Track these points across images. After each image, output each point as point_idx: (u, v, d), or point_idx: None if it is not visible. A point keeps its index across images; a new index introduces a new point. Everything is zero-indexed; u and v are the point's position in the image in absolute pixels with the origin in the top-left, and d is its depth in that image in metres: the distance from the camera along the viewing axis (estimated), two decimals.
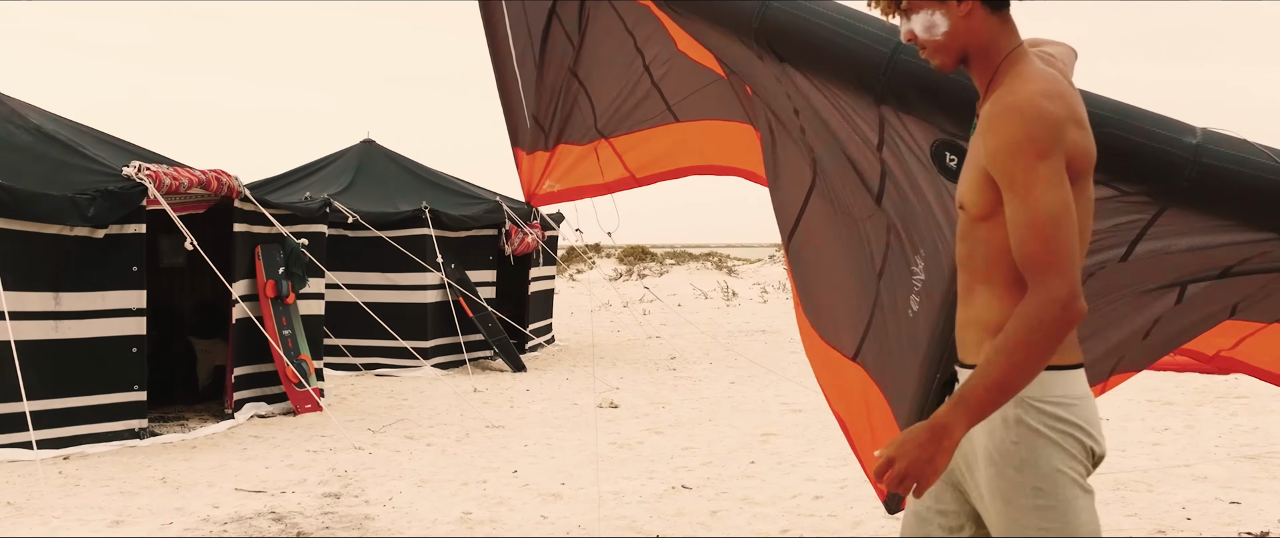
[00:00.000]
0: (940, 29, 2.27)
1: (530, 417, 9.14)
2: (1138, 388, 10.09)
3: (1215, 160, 2.68)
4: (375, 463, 7.17)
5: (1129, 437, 7.85)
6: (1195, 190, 2.71)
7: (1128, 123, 2.73)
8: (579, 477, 6.69)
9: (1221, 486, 6.27)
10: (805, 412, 9.20)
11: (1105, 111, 2.71)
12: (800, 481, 6.55)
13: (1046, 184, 2.07)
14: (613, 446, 7.76)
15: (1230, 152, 2.71)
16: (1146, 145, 2.70)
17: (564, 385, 11.06)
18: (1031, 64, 2.23)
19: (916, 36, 2.32)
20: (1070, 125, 2.13)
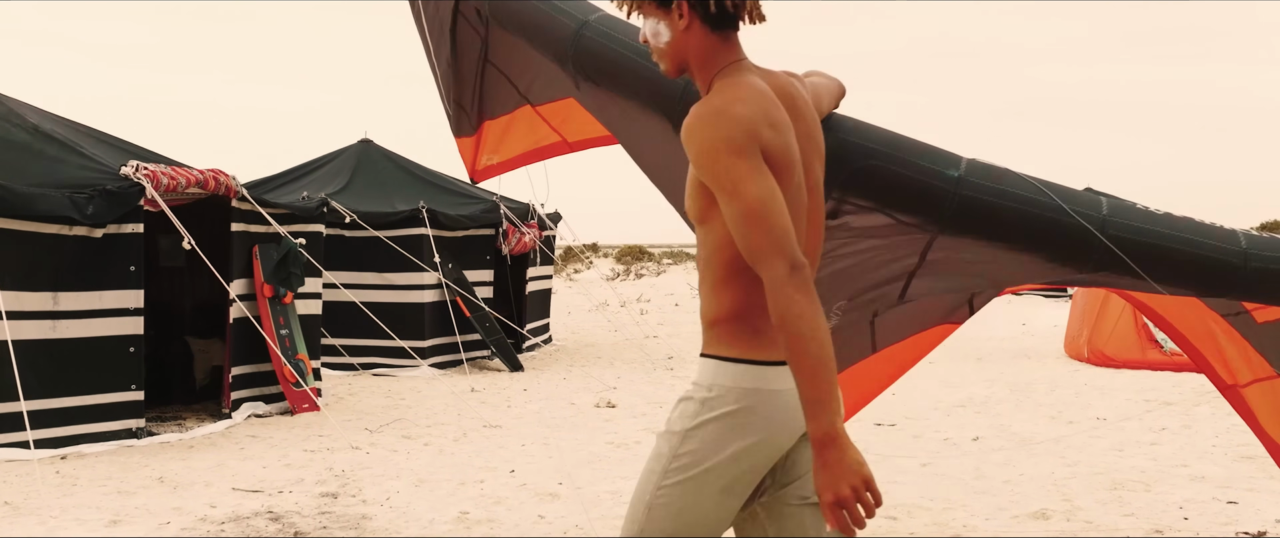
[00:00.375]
0: (663, 37, 2.40)
1: (527, 416, 9.13)
2: (1136, 389, 10.11)
3: (974, 192, 2.85)
4: (372, 463, 7.17)
5: (1126, 437, 7.86)
6: (958, 221, 2.89)
7: (895, 155, 2.91)
8: (577, 476, 6.68)
9: (1219, 485, 6.27)
10: None
11: (875, 144, 2.90)
12: None
13: (748, 178, 2.17)
14: (610, 445, 7.75)
15: (990, 184, 2.87)
16: (912, 178, 2.87)
17: (561, 385, 11.06)
18: (741, 77, 2.34)
19: (648, 40, 2.46)
20: (763, 126, 2.23)
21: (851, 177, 2.94)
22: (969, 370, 11.93)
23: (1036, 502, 5.97)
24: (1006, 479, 6.53)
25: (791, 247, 2.14)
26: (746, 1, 2.36)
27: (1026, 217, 2.87)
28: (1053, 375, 11.26)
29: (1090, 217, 2.88)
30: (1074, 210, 2.88)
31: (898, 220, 2.99)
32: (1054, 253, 2.97)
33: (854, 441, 2.15)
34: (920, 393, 10.18)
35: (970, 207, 2.87)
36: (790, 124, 2.33)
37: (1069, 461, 7.02)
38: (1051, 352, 13.49)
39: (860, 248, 3.13)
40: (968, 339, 15.47)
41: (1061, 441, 7.70)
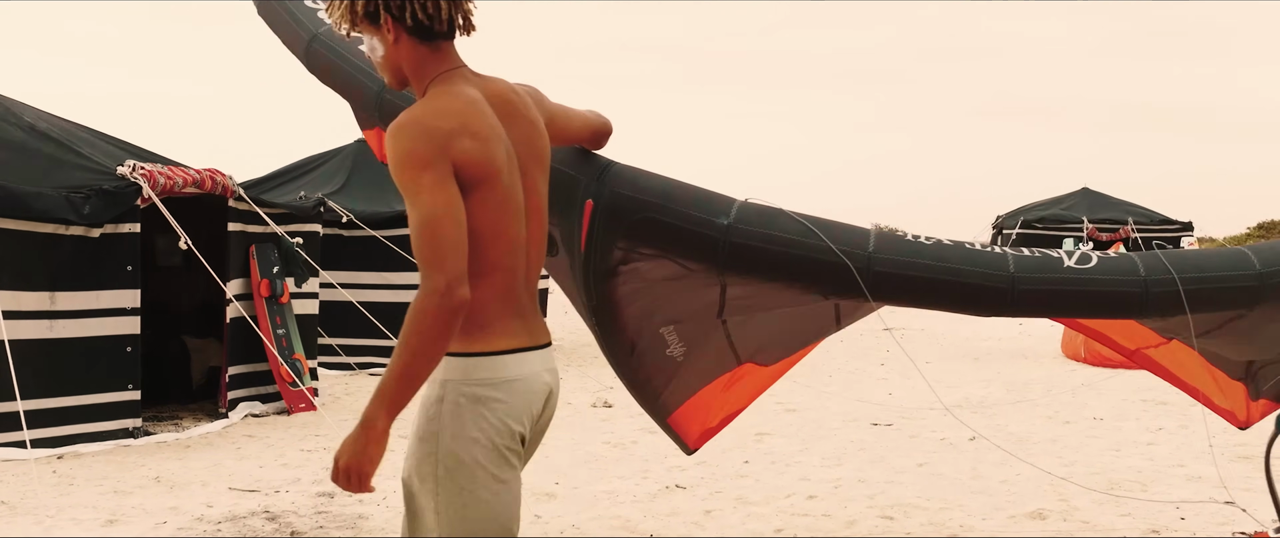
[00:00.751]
0: (378, 52, 2.52)
1: None
2: (1133, 388, 10.10)
3: (743, 238, 2.99)
4: None
5: (1123, 437, 7.87)
6: (734, 264, 3.05)
7: (668, 207, 3.05)
8: (573, 476, 6.68)
9: (1216, 485, 6.27)
10: (799, 411, 9.21)
11: (649, 196, 3.03)
12: (794, 480, 6.55)
13: (428, 190, 2.29)
14: (606, 445, 7.76)
15: (759, 228, 3.02)
16: (686, 228, 3.02)
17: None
18: (449, 86, 2.45)
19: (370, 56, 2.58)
20: (462, 137, 2.33)
21: (631, 229, 3.07)
22: (965, 370, 11.94)
23: (1033, 502, 5.98)
24: (1003, 479, 6.53)
25: (454, 264, 2.26)
26: (443, 11, 2.44)
27: (793, 258, 3.01)
28: (1050, 375, 11.26)
29: (856, 254, 3.03)
30: (840, 248, 3.03)
31: (685, 267, 3.14)
32: (828, 287, 3.11)
33: (852, 442, 2.16)
34: (916, 393, 10.18)
35: (741, 251, 3.02)
36: (499, 132, 2.43)
37: (1066, 460, 7.02)
38: (1048, 352, 13.50)
39: (663, 288, 3.26)
40: (964, 339, 15.50)
41: (1057, 441, 7.71)
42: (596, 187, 3.05)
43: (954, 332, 16.38)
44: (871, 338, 15.58)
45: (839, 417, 8.89)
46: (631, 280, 3.21)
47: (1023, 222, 24.87)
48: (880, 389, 10.54)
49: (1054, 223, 24.49)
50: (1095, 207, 24.88)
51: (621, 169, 3.11)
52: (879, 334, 16.08)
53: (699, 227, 3.03)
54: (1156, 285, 3.19)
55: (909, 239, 3.17)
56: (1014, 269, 3.10)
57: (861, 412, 9.14)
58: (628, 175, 3.09)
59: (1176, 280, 3.18)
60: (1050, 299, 3.16)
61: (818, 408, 9.36)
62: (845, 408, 9.38)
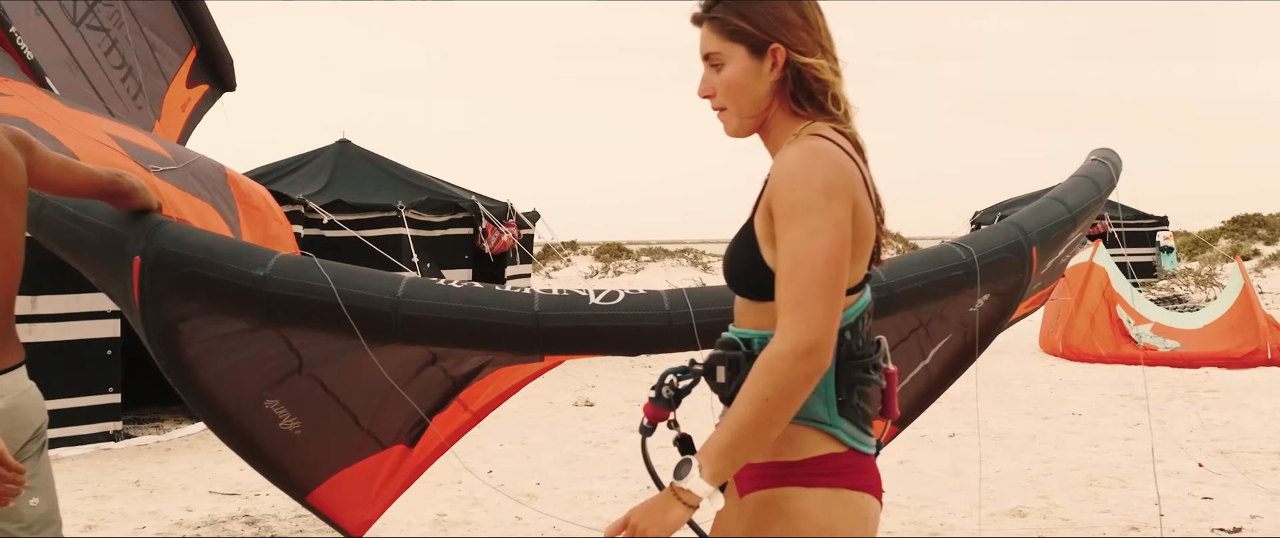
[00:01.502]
0: None
1: (504, 416, 9.08)
2: (1110, 383, 10.17)
3: (279, 288, 3.08)
4: None
5: (1101, 432, 7.92)
6: (272, 316, 3.14)
7: (208, 260, 3.11)
8: (554, 476, 6.69)
9: (1194, 481, 6.33)
10: None
11: (192, 251, 3.10)
12: None
13: None
14: (588, 445, 7.76)
15: (295, 279, 3.10)
16: (226, 280, 3.08)
17: (538, 384, 10.98)
18: None
19: None
20: None
21: (178, 284, 3.13)
22: None
23: (1013, 499, 6.01)
24: (982, 476, 6.57)
25: None
26: None
27: (324, 306, 3.08)
28: (1029, 371, 11.32)
29: (383, 299, 3.12)
30: (372, 293, 3.12)
31: (240, 321, 3.21)
32: (360, 332, 3.14)
33: None
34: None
35: (276, 301, 3.09)
36: None
37: (1045, 457, 7.07)
38: (1027, 347, 13.56)
39: (234, 348, 3.30)
40: None
41: (1036, 437, 7.75)
42: (143, 243, 3.10)
43: None
44: None
45: None
46: (194, 338, 3.24)
47: (1001, 217, 24.94)
48: None
49: None
50: None
51: (170, 227, 3.17)
52: None
53: (237, 278, 3.08)
54: (679, 319, 3.27)
55: (441, 286, 3.27)
56: (538, 309, 3.20)
57: None
58: (174, 232, 3.15)
59: (691, 315, 3.27)
60: (576, 336, 3.26)
61: None
62: None
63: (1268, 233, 30.78)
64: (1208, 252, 28.87)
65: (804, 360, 1.88)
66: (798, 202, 1.94)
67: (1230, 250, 27.94)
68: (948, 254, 3.62)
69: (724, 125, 2.17)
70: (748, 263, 2.06)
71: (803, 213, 1.93)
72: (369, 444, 3.65)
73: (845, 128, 2.10)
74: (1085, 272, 12.83)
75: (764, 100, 2.11)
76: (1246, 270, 12.53)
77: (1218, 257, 27.94)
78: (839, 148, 2.03)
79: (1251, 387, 9.69)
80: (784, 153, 2.03)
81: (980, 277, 3.60)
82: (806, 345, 1.88)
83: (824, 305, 1.90)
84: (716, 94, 2.14)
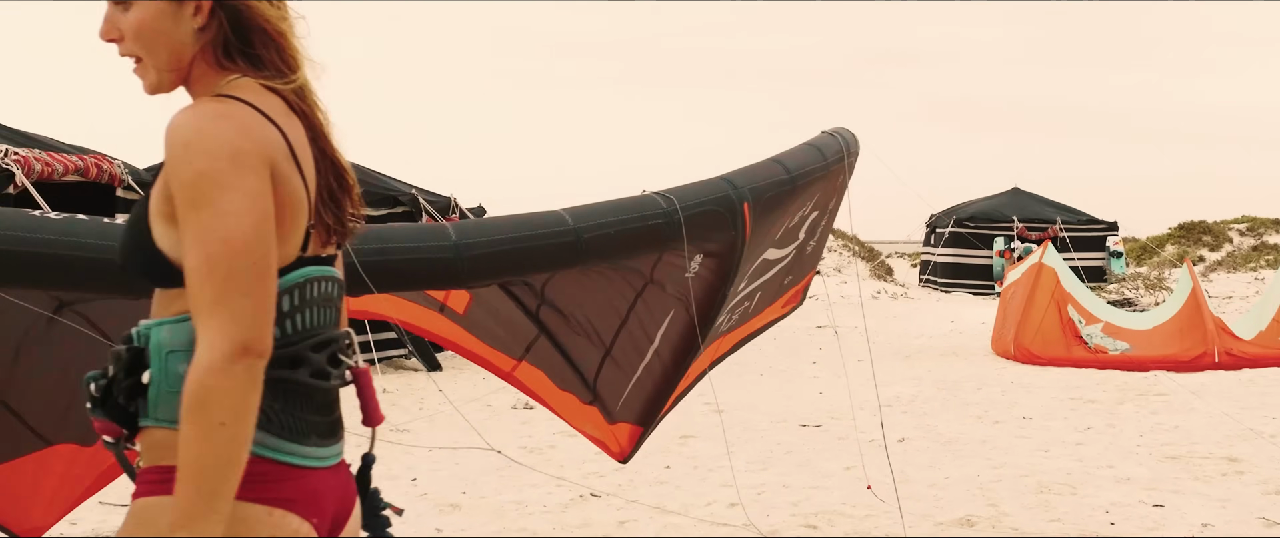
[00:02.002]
0: None
1: (438, 419, 8.76)
2: (1061, 387, 9.98)
3: None
4: None
5: (1052, 436, 7.69)
6: None
7: None
8: (481, 485, 6.35)
9: (1145, 487, 6.10)
10: (728, 411, 8.92)
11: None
12: (716, 486, 6.27)
13: None
14: (523, 450, 7.42)
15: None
16: None
17: (480, 385, 10.68)
18: None
19: None
20: None
21: None
22: (897, 369, 11.76)
23: (961, 507, 5.75)
24: (931, 482, 6.31)
25: None
26: None
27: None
28: (980, 373, 11.12)
29: None
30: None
31: None
32: None
33: (779, 444, 1.88)
34: (847, 392, 9.97)
35: None
36: None
37: (995, 463, 6.82)
38: (979, 349, 13.39)
39: None
40: (896, 336, 15.34)
41: (987, 442, 7.51)
42: None
43: (885, 329, 16.25)
44: (805, 336, 15.39)
45: (767, 417, 8.64)
46: None
47: (955, 221, 24.92)
48: (811, 388, 10.32)
49: (985, 222, 24.56)
50: (1025, 206, 25.02)
51: None
52: (812, 332, 15.90)
53: None
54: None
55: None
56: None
57: (790, 412, 8.91)
58: None
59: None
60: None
61: (746, 408, 9.10)
62: (774, 408, 9.13)
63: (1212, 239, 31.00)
64: (1156, 257, 29.05)
65: (241, 364, 1.55)
66: (200, 176, 1.59)
67: (1177, 255, 28.12)
68: (648, 203, 3.36)
69: (141, 80, 1.77)
70: (139, 245, 1.70)
71: (209, 189, 1.58)
72: (28, 441, 3.30)
73: (282, 85, 1.75)
74: (1035, 273, 12.68)
75: (187, 50, 1.74)
76: (1196, 274, 12.41)
77: (1165, 262, 28.11)
78: (252, 108, 1.67)
79: (1200, 390, 9.54)
80: (174, 118, 1.65)
81: (685, 229, 3.33)
82: (239, 347, 1.55)
83: (252, 299, 1.58)
84: (124, 39, 1.74)
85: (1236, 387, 9.63)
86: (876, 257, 28.46)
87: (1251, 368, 10.80)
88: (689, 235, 3.37)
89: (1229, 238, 29.06)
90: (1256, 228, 29.58)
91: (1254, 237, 28.97)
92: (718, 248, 3.59)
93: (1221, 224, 30.27)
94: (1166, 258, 28.45)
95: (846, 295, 22.67)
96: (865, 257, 28.05)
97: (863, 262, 27.50)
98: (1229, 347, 11.10)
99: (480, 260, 2.99)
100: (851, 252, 27.92)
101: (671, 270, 3.58)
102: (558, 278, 3.44)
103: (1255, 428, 7.74)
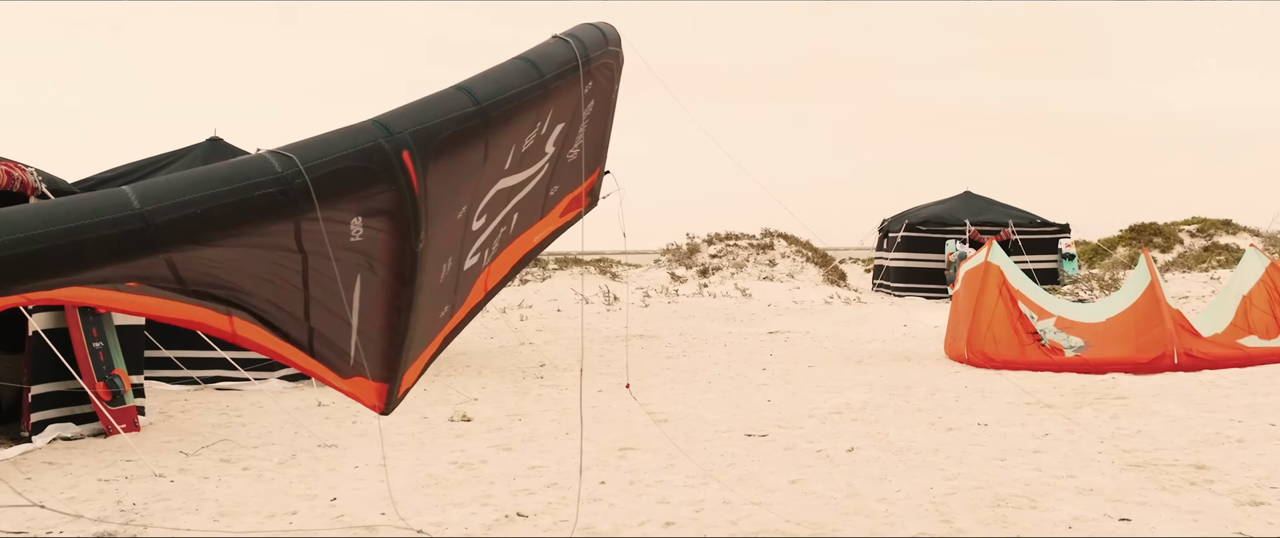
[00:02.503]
0: None
1: (371, 434, 8.30)
2: (1016, 391, 9.67)
3: None
4: (174, 493, 6.28)
5: (1009, 444, 7.35)
6: None
7: None
8: (405, 505, 5.90)
9: (1109, 499, 5.76)
10: (671, 422, 8.55)
11: None
12: (652, 504, 5.87)
13: None
14: (453, 466, 6.98)
15: None
16: None
17: (419, 397, 10.23)
18: None
19: None
20: None
21: None
22: (848, 373, 11.42)
23: (913, 524, 5.38)
24: (881, 496, 5.94)
25: None
26: None
27: None
28: (933, 378, 10.79)
29: None
30: None
31: None
32: None
33: (722, 456, 1.48)
34: (797, 399, 9.62)
35: None
36: None
37: (949, 474, 6.47)
38: (932, 353, 13.10)
39: None
40: (847, 341, 15.04)
41: (940, 451, 7.16)
42: None
43: (838, 334, 15.95)
44: (756, 342, 15.06)
45: (712, 427, 8.25)
46: None
47: (908, 224, 24.74)
48: (759, 396, 9.95)
49: (937, 224, 24.40)
50: (977, 209, 24.90)
51: None
52: (763, 338, 15.57)
53: None
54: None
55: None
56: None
57: (736, 421, 8.53)
58: None
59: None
60: None
61: (691, 418, 8.71)
62: (720, 417, 8.75)
63: (1163, 241, 31.11)
64: (1108, 258, 29.04)
65: None
66: None
67: (1129, 257, 28.12)
68: (256, 167, 2.80)
69: None
70: None
71: None
72: None
73: None
74: (982, 272, 12.37)
75: None
76: (1154, 266, 12.03)
77: (1118, 263, 28.10)
78: None
79: (1160, 393, 9.26)
80: None
81: (316, 193, 2.82)
82: None
83: None
84: None
85: (1197, 389, 9.36)
86: (830, 262, 28.23)
87: (1211, 369, 10.53)
88: (324, 198, 2.86)
89: (1180, 239, 29.13)
90: (1207, 229, 29.68)
91: (1205, 238, 29.05)
92: (383, 205, 3.08)
93: (1172, 226, 30.36)
94: (1119, 259, 28.46)
95: (799, 301, 22.43)
96: (818, 262, 27.82)
97: (816, 267, 27.26)
98: (1188, 347, 10.81)
99: None
100: (805, 257, 27.69)
101: (333, 236, 3.04)
102: (186, 257, 2.80)
103: (1221, 432, 7.45)
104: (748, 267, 27.00)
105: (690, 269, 27.16)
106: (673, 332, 16.58)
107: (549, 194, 4.49)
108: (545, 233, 4.72)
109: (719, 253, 28.20)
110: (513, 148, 3.76)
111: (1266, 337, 11.61)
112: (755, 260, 27.47)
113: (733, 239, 28.84)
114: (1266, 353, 11.07)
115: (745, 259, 27.57)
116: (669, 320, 18.52)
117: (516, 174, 3.97)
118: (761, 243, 28.46)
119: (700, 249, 28.65)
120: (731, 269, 26.74)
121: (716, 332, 16.51)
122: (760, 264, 27.23)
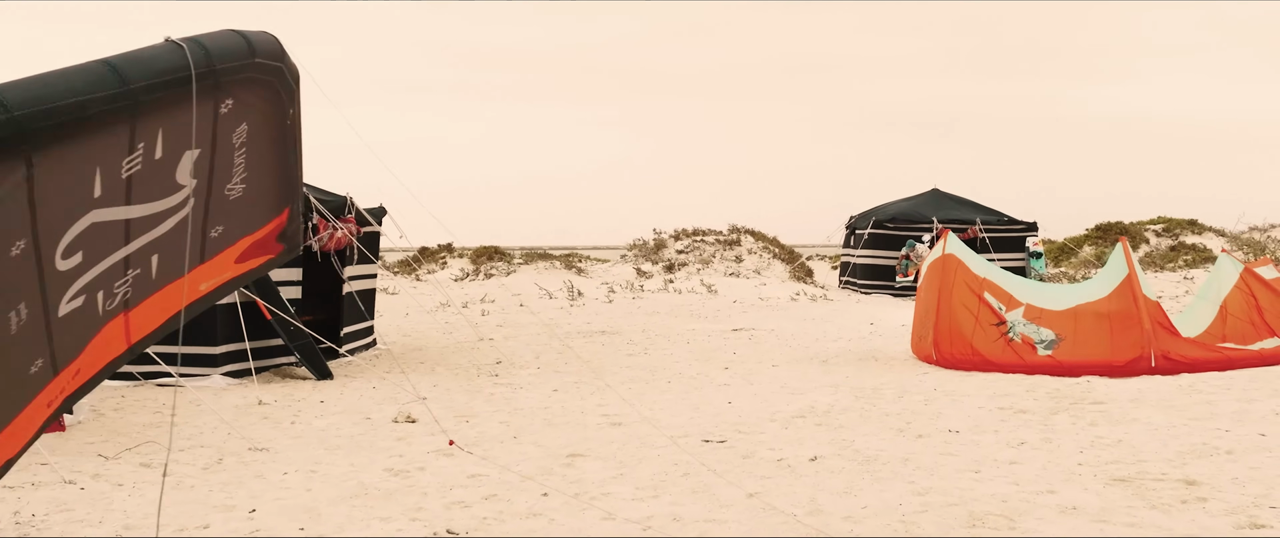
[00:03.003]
0: None
1: (307, 436, 7.81)
2: (988, 395, 9.28)
3: None
4: (81, 502, 5.77)
5: (982, 454, 6.94)
6: None
7: None
8: (328, 518, 5.42)
9: (1095, 519, 5.33)
10: (625, 425, 8.10)
11: None
12: (595, 520, 5.40)
13: None
14: (387, 472, 6.50)
15: None
16: None
17: (367, 395, 9.74)
18: None
19: None
20: None
21: None
22: (813, 374, 11.00)
23: None
24: (846, 514, 5.50)
25: None
26: None
27: None
28: (900, 380, 10.38)
29: None
30: None
31: None
32: None
33: (676, 465, 1.02)
34: (759, 401, 9.19)
35: None
36: None
37: (919, 487, 6.04)
38: (899, 353, 12.72)
39: None
40: (813, 339, 14.63)
41: (910, 460, 6.74)
42: None
43: (803, 332, 15.56)
44: (719, 340, 14.64)
45: (668, 431, 7.79)
46: None
47: (875, 221, 24.42)
48: (720, 397, 9.51)
49: (904, 222, 24.10)
50: (944, 207, 24.61)
51: None
52: (728, 335, 15.15)
53: None
54: None
55: None
56: None
57: (694, 425, 8.08)
58: None
59: None
60: None
61: (645, 421, 8.26)
62: (677, 420, 8.30)
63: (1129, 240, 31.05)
64: (1074, 257, 28.89)
65: None
66: None
67: (1095, 256, 27.97)
68: None
69: None
70: None
71: None
72: None
73: None
74: (940, 267, 11.90)
75: None
76: (1132, 257, 11.51)
77: (1084, 262, 27.94)
78: None
79: (1138, 398, 8.88)
80: None
81: None
82: None
83: None
84: None
85: (1177, 394, 8.98)
86: (796, 258, 27.89)
87: (1190, 373, 10.14)
88: None
89: (1146, 238, 29.03)
90: (1172, 229, 29.61)
91: (1171, 237, 28.96)
92: None
93: (1138, 225, 30.28)
94: (1085, 258, 28.31)
95: (765, 298, 22.04)
96: (785, 258, 27.47)
97: (783, 263, 26.91)
98: (1166, 349, 10.41)
99: None
100: (772, 253, 27.33)
101: None
102: None
103: (1208, 442, 7.06)
104: (714, 263, 26.62)
105: (656, 265, 26.75)
106: (635, 328, 16.13)
107: (210, 236, 3.89)
108: (218, 280, 4.09)
109: (685, 248, 27.81)
110: (99, 172, 3.14)
111: (1244, 343, 11.27)
112: (722, 256, 27.10)
113: (700, 235, 28.45)
114: (1247, 356, 10.69)
115: (712, 255, 27.19)
116: (632, 317, 18.08)
117: (127, 206, 3.34)
118: (728, 239, 28.09)
119: (667, 245, 28.25)
120: (698, 265, 26.34)
121: (680, 328, 16.08)
122: (727, 260, 26.85)
